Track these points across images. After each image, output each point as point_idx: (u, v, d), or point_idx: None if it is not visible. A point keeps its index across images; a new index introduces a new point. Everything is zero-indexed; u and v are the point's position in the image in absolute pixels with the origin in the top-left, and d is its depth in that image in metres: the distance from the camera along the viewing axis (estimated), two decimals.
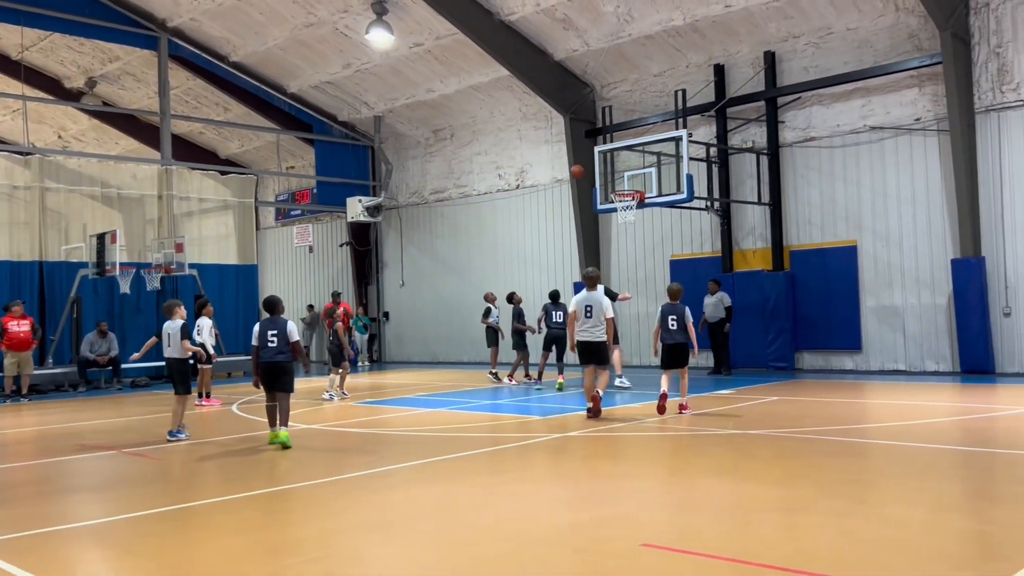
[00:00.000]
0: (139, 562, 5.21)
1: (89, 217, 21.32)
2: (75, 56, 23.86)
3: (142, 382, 19.80)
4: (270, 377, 9.54)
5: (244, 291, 23.37)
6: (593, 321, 10.85)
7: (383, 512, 6.31)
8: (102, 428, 12.12)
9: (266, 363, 9.47)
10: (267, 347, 9.44)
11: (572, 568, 4.78)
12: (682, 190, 15.26)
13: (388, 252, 25.81)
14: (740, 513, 5.90)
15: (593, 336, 10.91)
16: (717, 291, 16.91)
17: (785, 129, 17.54)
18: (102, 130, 27.66)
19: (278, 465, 8.70)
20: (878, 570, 4.52)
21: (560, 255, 21.37)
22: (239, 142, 27.41)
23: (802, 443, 8.65)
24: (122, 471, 8.58)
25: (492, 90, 21.55)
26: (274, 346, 9.43)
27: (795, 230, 17.53)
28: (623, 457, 8.43)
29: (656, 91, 19.27)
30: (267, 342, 9.41)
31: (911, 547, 4.94)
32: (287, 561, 5.06)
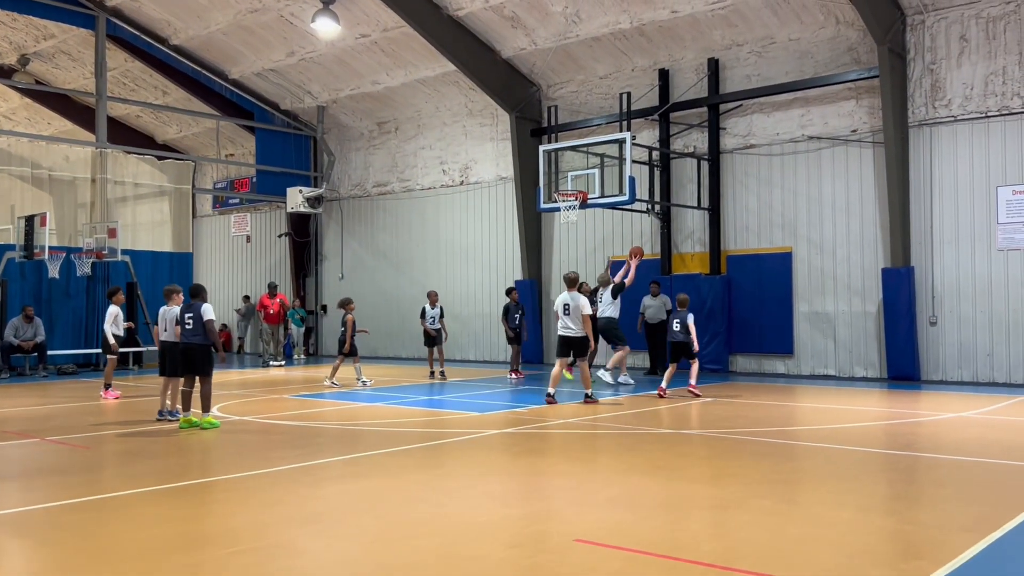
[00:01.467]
0: (56, 552, 5.06)
1: (18, 198, 20.61)
2: (7, 32, 23.05)
3: (69, 369, 19.26)
4: (188, 360, 9.82)
5: (178, 279, 22.65)
6: (572, 318, 12.11)
7: (315, 505, 6.24)
8: (26, 415, 11.73)
9: (185, 346, 9.80)
10: (184, 330, 9.82)
11: (505, 562, 4.79)
12: (624, 192, 15.40)
13: (328, 244, 25.52)
14: (671, 510, 5.99)
15: (572, 332, 12.19)
16: (659, 293, 17.01)
17: (726, 136, 17.83)
18: (34, 109, 26.79)
19: (208, 456, 8.54)
20: (804, 567, 4.63)
21: (502, 252, 21.39)
22: (177, 127, 26.80)
23: (734, 443, 8.81)
24: (45, 459, 8.32)
25: (438, 85, 21.47)
26: (190, 328, 9.79)
27: (733, 235, 17.84)
28: (558, 454, 8.48)
29: (602, 93, 19.42)
30: (184, 325, 9.79)
31: (836, 545, 5.07)
32: (216, 552, 4.97)
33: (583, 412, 11.37)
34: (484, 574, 4.56)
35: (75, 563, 4.81)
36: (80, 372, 19.30)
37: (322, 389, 14.86)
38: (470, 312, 21.81)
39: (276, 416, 11.16)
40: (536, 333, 20.29)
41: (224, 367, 20.76)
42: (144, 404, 12.76)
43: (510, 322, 16.87)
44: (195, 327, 9.85)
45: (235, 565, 4.73)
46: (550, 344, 20.46)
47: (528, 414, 11.30)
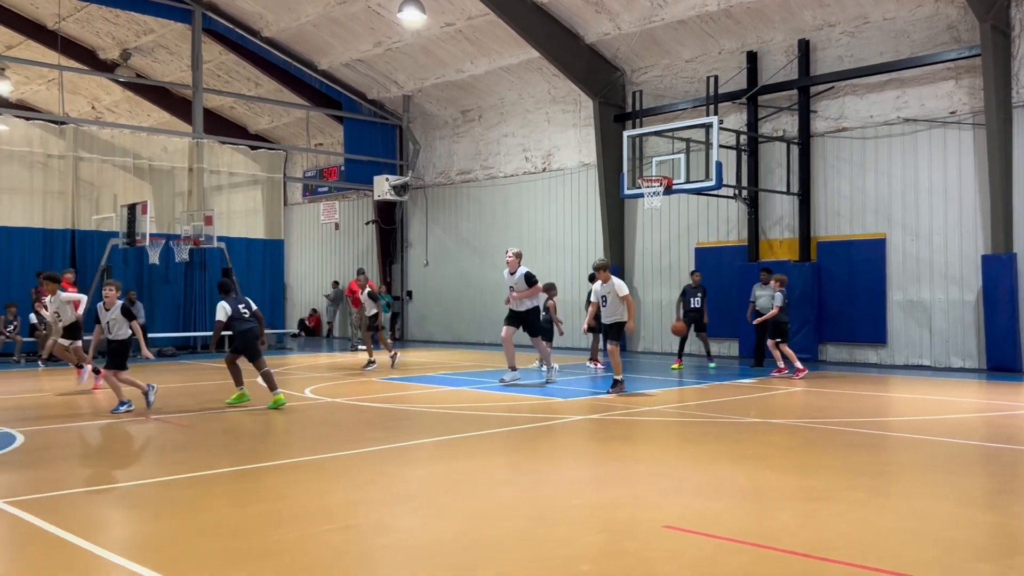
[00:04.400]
0: (165, 525, 5.33)
1: (120, 188, 21.56)
2: (110, 27, 24.05)
3: (169, 351, 20.08)
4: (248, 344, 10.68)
5: (270, 265, 23.59)
6: (612, 305, 11.85)
7: (406, 485, 6.40)
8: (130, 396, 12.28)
9: (244, 331, 10.63)
10: (243, 319, 10.61)
11: (594, 547, 4.84)
12: (711, 177, 15.19)
13: (413, 231, 25.89)
14: (761, 500, 5.93)
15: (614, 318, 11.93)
16: (768, 281, 15.56)
17: (817, 119, 17.38)
18: (135, 102, 27.90)
19: (301, 436, 8.82)
20: (900, 560, 4.53)
21: (585, 239, 21.35)
22: (269, 118, 27.55)
23: (824, 434, 8.65)
24: (151, 437, 8.73)
25: (522, 72, 21.51)
26: (248, 316, 10.66)
27: (823, 221, 17.40)
28: (643, 441, 8.47)
29: (687, 77, 19.15)
30: (242, 314, 10.58)
31: (934, 538, 4.95)
32: (311, 529, 5.15)
33: (668, 400, 11.30)
34: (573, 558, 4.61)
35: (182, 536, 5.06)
36: (179, 355, 20.11)
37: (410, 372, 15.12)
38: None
39: (365, 398, 11.44)
40: None
41: (309, 351, 21.34)
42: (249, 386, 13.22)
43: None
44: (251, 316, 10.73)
45: (330, 542, 4.90)
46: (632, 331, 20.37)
47: (613, 401, 11.30)
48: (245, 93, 25.76)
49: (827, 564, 4.43)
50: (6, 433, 8.54)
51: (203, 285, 21.52)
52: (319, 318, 28.54)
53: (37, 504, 5.66)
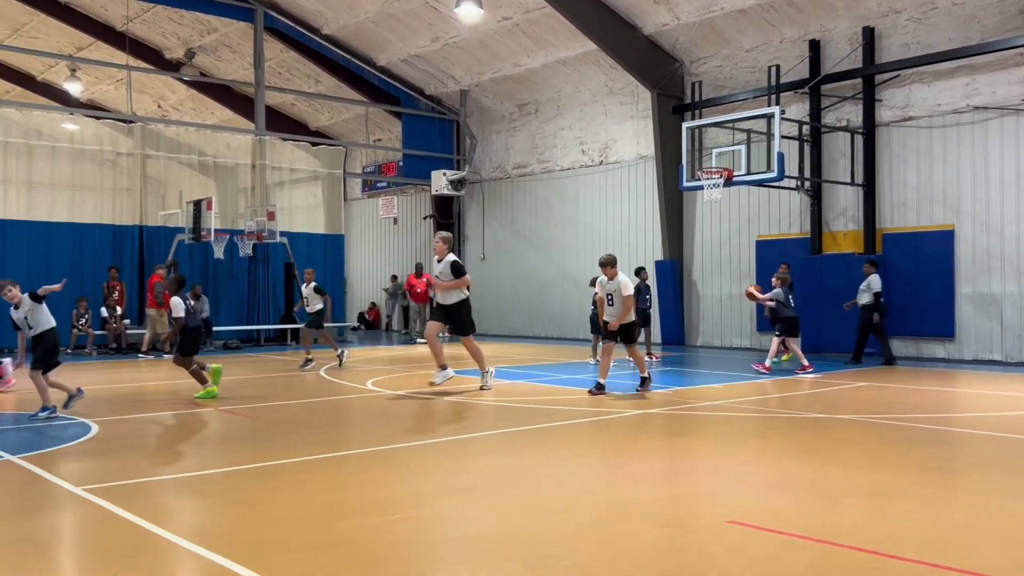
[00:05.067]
0: (238, 511, 5.48)
1: (186, 184, 22.09)
2: (176, 28, 24.62)
3: (233, 344, 20.53)
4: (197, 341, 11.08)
5: (331, 260, 23.93)
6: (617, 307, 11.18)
7: (468, 477, 6.46)
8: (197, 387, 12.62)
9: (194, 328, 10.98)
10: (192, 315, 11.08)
11: (659, 540, 4.83)
12: (772, 168, 14.97)
13: (470, 226, 26.03)
14: (826, 495, 5.84)
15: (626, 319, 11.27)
16: (872, 272, 15.46)
17: (882, 108, 16.98)
18: (199, 100, 28.53)
19: (363, 428, 8.96)
20: (973, 559, 4.43)
21: (642, 232, 21.21)
22: (329, 114, 27.93)
23: (890, 429, 8.48)
24: (217, 428, 8.96)
25: (579, 64, 21.43)
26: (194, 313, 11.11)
27: (889, 213, 17.01)
28: (705, 436, 8.40)
29: (748, 67, 18.87)
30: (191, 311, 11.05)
31: (1008, 537, 4.83)
32: (377, 519, 5.25)
33: (730, 395, 11.19)
34: (637, 551, 4.61)
35: (252, 524, 5.19)
36: (243, 347, 20.55)
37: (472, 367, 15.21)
38: None
39: (425, 391, 11.55)
40: (678, 314, 20.07)
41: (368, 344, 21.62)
42: (300, 378, 13.48)
43: (641, 303, 16.42)
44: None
45: (396, 531, 4.98)
46: (691, 325, 20.21)
47: (673, 395, 11.24)
48: (305, 90, 26.15)
49: (896, 562, 4.36)
50: (82, 423, 8.84)
51: (266, 279, 21.95)
52: (378, 311, 28.89)
53: (113, 491, 5.86)
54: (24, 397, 10.86)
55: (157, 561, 4.54)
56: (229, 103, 27.36)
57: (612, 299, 11.16)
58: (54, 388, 9.33)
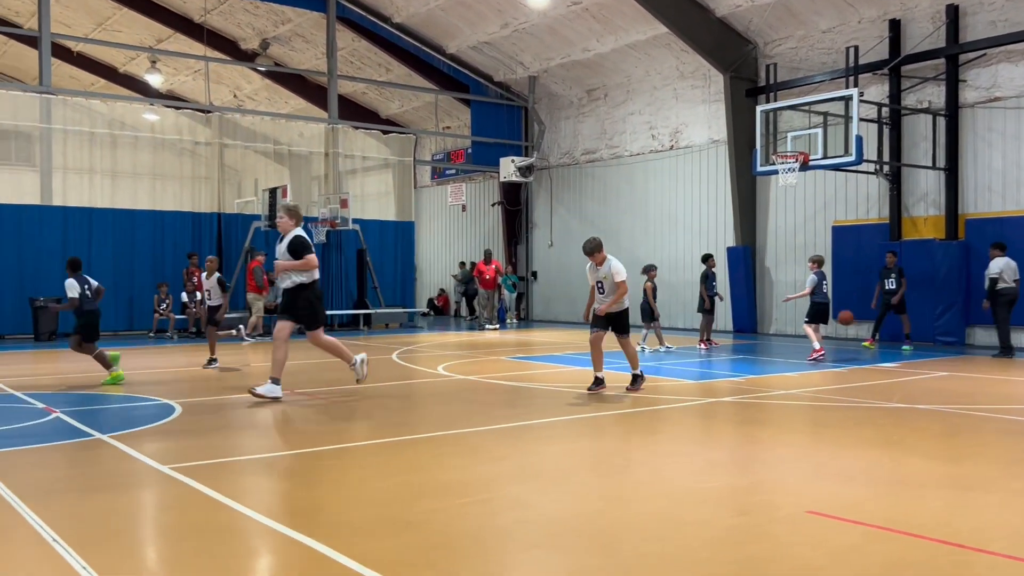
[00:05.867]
0: (318, 492, 5.60)
1: (261, 172, 22.60)
2: (251, 19, 25.13)
3: None
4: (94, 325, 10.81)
5: (402, 247, 24.23)
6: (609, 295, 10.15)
7: (539, 462, 6.48)
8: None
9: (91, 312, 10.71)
10: (89, 299, 10.68)
11: (735, 530, 4.78)
12: (850, 152, 14.58)
13: (538, 212, 26.01)
14: (909, 487, 5.69)
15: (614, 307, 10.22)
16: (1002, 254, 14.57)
17: (966, 89, 16.37)
18: (273, 90, 29.09)
19: (436, 412, 9.06)
20: None
21: (713, 218, 20.91)
22: (399, 102, 28.20)
23: (975, 420, 8.21)
24: (295, 410, 9.16)
25: (649, 48, 21.18)
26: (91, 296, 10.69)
27: (972, 197, 16.42)
28: (779, 425, 8.26)
29: (824, 48, 18.38)
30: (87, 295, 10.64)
31: None
32: (456, 501, 5.31)
33: (805, 383, 10.98)
34: (712, 540, 4.57)
35: (332, 505, 5.30)
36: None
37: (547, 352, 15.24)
38: (679, 280, 21.54)
39: (495, 376, 11.62)
40: (750, 301, 19.76)
41: (438, 330, 21.82)
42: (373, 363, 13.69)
43: (709, 290, 16.30)
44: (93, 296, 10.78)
45: (469, 514, 5.04)
46: (763, 313, 19.88)
47: (745, 383, 11.08)
48: (376, 79, 26.43)
49: (984, 555, 4.23)
50: (166, 404, 9.15)
51: (339, 265, 22.33)
52: (447, 298, 29.14)
53: (196, 470, 6.05)
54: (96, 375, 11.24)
55: (240, 539, 4.68)
56: (302, 92, 27.84)
57: (603, 286, 10.16)
58: None
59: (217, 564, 4.19)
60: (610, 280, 10.04)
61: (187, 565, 4.19)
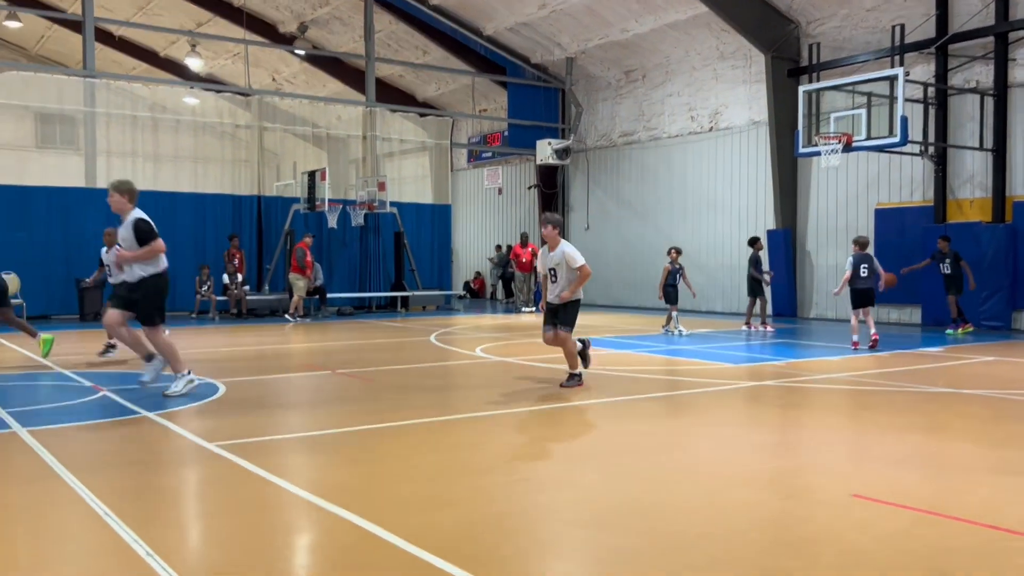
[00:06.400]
0: (363, 469, 5.66)
1: (300, 155, 22.76)
2: (289, 2, 25.23)
3: (347, 311, 21.13)
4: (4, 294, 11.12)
5: (438, 230, 24.30)
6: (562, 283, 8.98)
7: (583, 444, 6.49)
8: (316, 351, 13.08)
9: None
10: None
11: (783, 512, 4.75)
12: (895, 133, 14.32)
13: (575, 195, 25.91)
14: (956, 472, 5.61)
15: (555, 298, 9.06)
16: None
17: (1016, 68, 15.97)
18: (311, 73, 29.23)
19: (474, 392, 9.09)
20: None
21: (753, 201, 20.67)
22: (436, 85, 28.19)
23: (1022, 405, 8.07)
24: (337, 390, 9.26)
25: (689, 28, 20.92)
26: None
27: (1021, 179, 16.05)
28: (823, 409, 8.18)
29: (868, 27, 18.02)
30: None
31: None
32: (502, 478, 5.34)
33: (847, 367, 10.85)
34: (761, 521, 4.55)
35: (377, 481, 5.36)
36: (356, 314, 21.13)
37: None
38: (717, 263, 21.36)
39: (534, 358, 11.63)
40: (791, 285, 19.55)
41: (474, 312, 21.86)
42: (411, 344, 13.77)
43: (758, 272, 16.15)
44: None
45: (513, 492, 5.06)
46: (804, 297, 19.66)
47: (787, 367, 10.98)
48: (414, 61, 26.43)
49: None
50: (211, 383, 9.29)
51: (377, 248, 22.47)
52: (483, 280, 29.20)
53: (242, 447, 6.14)
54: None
55: (285, 514, 4.74)
56: (340, 75, 27.94)
57: (556, 274, 8.96)
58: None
59: (263, 539, 4.26)
60: (564, 267, 8.88)
61: (233, 540, 4.27)
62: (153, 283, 8.38)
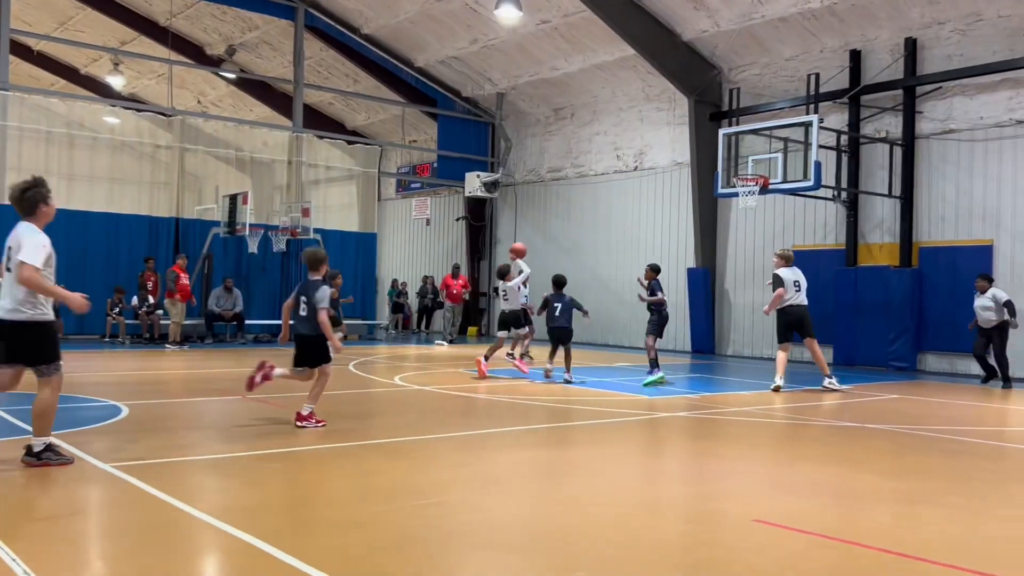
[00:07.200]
0: (264, 492, 5.51)
1: (223, 179, 22.36)
2: (217, 24, 24.94)
3: (264, 338, 20.70)
4: None
5: (363, 258, 24.09)
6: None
7: (494, 469, 6.45)
8: (228, 376, 12.75)
9: None
10: None
11: (685, 536, 4.80)
12: (809, 177, 14.81)
13: (502, 228, 26.05)
14: (856, 500, 5.76)
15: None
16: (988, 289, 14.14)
17: (923, 120, 16.77)
18: (238, 96, 28.85)
19: (392, 420, 8.98)
20: (1003, 566, 4.35)
21: (674, 240, 21.09)
22: (366, 114, 28.13)
23: (922, 440, 8.34)
24: (246, 415, 9.03)
25: (616, 70, 21.40)
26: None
27: (926, 226, 16.78)
28: (734, 440, 8.32)
29: (787, 75, 18.72)
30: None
31: None
32: (408, 503, 5.26)
33: (760, 402, 11.08)
34: (662, 544, 4.58)
35: (278, 505, 5.23)
36: (274, 341, 20.71)
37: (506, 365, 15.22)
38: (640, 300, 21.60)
39: (452, 387, 11.57)
40: (709, 322, 19.94)
41: (399, 343, 21.68)
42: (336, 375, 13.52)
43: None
44: None
45: (423, 516, 4.99)
46: (722, 333, 20.07)
47: (701, 400, 11.15)
48: (344, 89, 26.34)
49: (922, 564, 4.29)
50: (114, 405, 8.96)
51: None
52: (410, 311, 28.98)
53: (142, 469, 5.92)
54: None
55: (183, 537, 4.58)
56: (268, 100, 27.65)
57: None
58: None
59: (158, 562, 4.10)
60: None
61: (127, 563, 4.10)
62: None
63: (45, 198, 6.13)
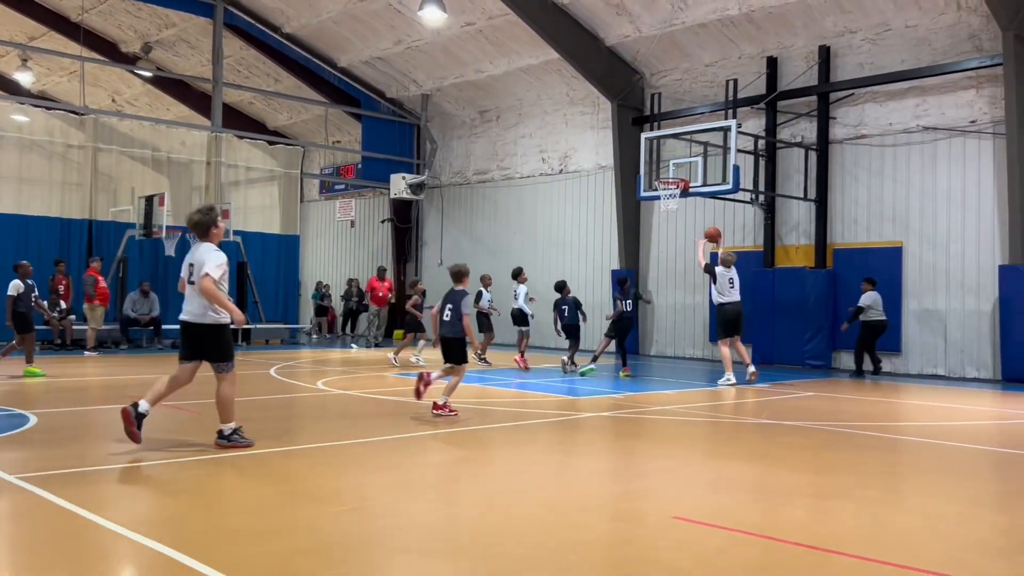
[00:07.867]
0: (181, 501, 5.35)
1: (138, 180, 21.68)
2: (133, 21, 24.22)
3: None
4: None
5: (285, 261, 23.70)
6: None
7: (417, 472, 6.40)
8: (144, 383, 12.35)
9: None
10: None
11: (608, 534, 4.84)
12: (727, 181, 15.15)
13: (428, 231, 25.93)
14: (772, 496, 5.90)
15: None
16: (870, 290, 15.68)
17: (836, 125, 17.32)
18: (155, 95, 28.08)
19: (313, 425, 8.85)
20: (912, 555, 4.51)
21: (600, 242, 21.32)
22: (288, 114, 27.67)
23: (836, 436, 8.60)
24: (162, 422, 8.76)
25: (541, 73, 21.52)
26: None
27: (840, 228, 17.33)
28: (656, 438, 8.44)
29: (707, 81, 19.12)
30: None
31: (945, 537, 4.92)
32: (324, 509, 5.17)
33: (682, 401, 11.27)
34: (584, 543, 4.60)
35: (195, 514, 5.08)
36: None
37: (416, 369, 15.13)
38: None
39: (375, 391, 11.45)
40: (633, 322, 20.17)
41: (322, 347, 21.37)
42: (251, 378, 13.28)
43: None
44: None
45: (342, 521, 4.92)
46: (645, 334, 20.35)
47: (624, 400, 11.28)
48: (264, 88, 25.87)
49: (837, 556, 4.41)
50: (20, 414, 8.60)
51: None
52: (334, 314, 28.60)
53: (50, 480, 5.69)
54: None
55: (94, 549, 4.41)
56: (186, 99, 26.98)
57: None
58: None
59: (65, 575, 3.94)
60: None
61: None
62: None
63: (215, 221, 7.36)
